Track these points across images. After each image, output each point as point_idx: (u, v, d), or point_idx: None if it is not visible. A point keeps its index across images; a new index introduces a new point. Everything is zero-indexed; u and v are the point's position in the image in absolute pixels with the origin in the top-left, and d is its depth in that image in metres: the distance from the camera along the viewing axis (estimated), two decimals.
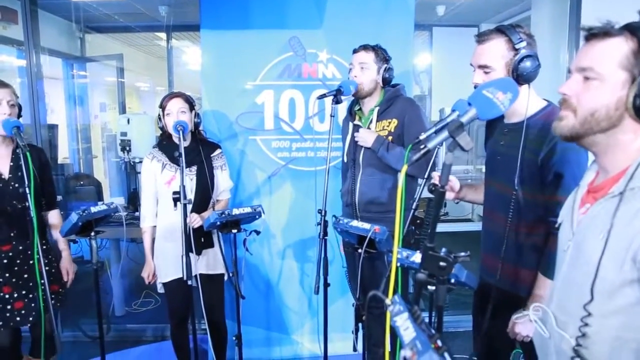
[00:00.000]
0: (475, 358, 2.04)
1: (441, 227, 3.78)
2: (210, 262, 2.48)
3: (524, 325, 1.63)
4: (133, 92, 9.18)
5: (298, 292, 3.09)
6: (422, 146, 1.19)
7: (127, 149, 3.54)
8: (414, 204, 1.85)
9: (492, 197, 1.85)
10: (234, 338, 2.36)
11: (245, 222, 2.28)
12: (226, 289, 2.63)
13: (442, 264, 1.15)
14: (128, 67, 6.32)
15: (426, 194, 1.87)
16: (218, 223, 2.17)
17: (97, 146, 6.56)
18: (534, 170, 1.62)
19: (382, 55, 2.36)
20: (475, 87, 1.69)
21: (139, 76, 8.66)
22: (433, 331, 0.95)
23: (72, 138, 5.95)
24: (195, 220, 2.31)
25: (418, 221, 1.83)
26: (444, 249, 1.17)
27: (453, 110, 1.83)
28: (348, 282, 2.67)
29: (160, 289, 2.52)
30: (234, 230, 2.22)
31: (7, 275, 2.12)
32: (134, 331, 3.53)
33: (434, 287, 1.24)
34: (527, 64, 1.61)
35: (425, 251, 1.17)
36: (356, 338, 2.23)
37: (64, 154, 5.67)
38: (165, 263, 2.44)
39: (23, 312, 2.13)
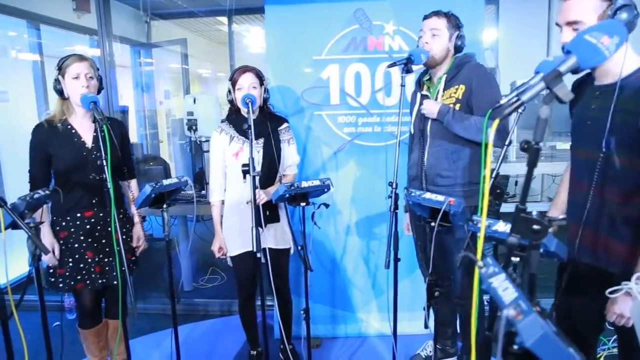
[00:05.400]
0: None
1: (509, 208, 3.61)
2: (278, 237, 2.49)
3: (624, 302, 1.49)
4: (195, 79, 9.40)
5: (364, 270, 3.05)
6: (515, 99, 1.10)
7: (194, 128, 3.61)
8: (494, 172, 1.75)
9: (579, 165, 1.71)
10: (301, 312, 2.36)
11: (313, 196, 2.25)
12: (292, 264, 2.64)
13: (535, 227, 1.06)
14: (191, 53, 6.47)
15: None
16: (287, 195, 2.15)
17: (162, 131, 6.79)
18: (635, 134, 1.47)
19: (454, 21, 2.25)
20: (562, 47, 1.57)
21: (201, 62, 8.86)
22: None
23: (139, 124, 6.19)
24: (261, 197, 2.31)
25: (498, 191, 1.73)
26: (535, 212, 1.09)
27: (537, 72, 1.70)
28: (418, 259, 2.60)
29: (230, 263, 2.56)
30: (302, 204, 2.21)
31: (89, 240, 2.22)
32: (201, 305, 3.63)
33: (518, 259, 1.16)
34: (624, 15, 1.45)
35: (517, 213, 1.09)
36: (428, 315, 2.16)
37: (133, 139, 5.91)
38: (233, 237, 2.47)
39: (101, 274, 2.24)
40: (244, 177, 2.13)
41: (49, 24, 4.43)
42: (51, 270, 2.22)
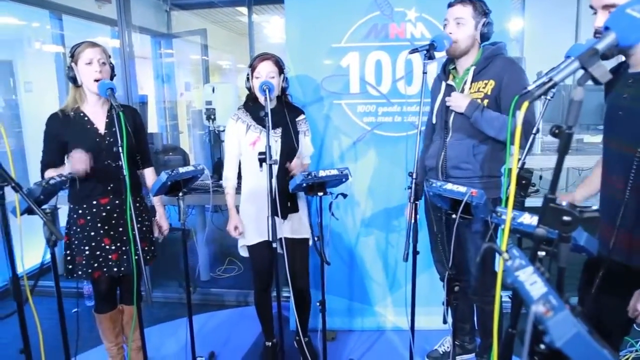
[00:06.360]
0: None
1: (532, 202, 3.49)
2: (295, 227, 2.45)
3: None
4: (215, 70, 9.41)
5: (382, 263, 2.99)
6: (546, 79, 1.03)
7: (212, 117, 3.59)
8: (520, 162, 1.67)
9: (611, 158, 1.62)
10: (317, 304, 2.32)
11: (331, 185, 2.20)
12: (310, 256, 2.59)
13: (566, 218, 0.99)
14: (211, 44, 6.45)
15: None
16: (304, 184, 2.11)
17: (183, 123, 6.80)
18: None
19: (481, 8, 2.15)
20: (595, 32, 1.48)
21: (221, 54, 8.86)
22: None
23: (160, 115, 6.21)
24: (297, 167, 2.32)
25: (524, 181, 1.65)
26: (565, 202, 1.01)
27: (567, 57, 1.61)
28: (433, 254, 2.52)
29: (244, 253, 2.53)
30: (320, 193, 2.16)
31: (106, 227, 2.21)
32: (217, 295, 3.63)
33: (544, 253, 1.09)
34: None
35: (546, 203, 1.02)
36: (447, 310, 2.09)
37: (153, 129, 5.93)
38: (250, 226, 2.44)
39: (118, 262, 2.23)
40: (260, 166, 2.10)
41: (70, 14, 4.44)
42: (69, 258, 2.22)
